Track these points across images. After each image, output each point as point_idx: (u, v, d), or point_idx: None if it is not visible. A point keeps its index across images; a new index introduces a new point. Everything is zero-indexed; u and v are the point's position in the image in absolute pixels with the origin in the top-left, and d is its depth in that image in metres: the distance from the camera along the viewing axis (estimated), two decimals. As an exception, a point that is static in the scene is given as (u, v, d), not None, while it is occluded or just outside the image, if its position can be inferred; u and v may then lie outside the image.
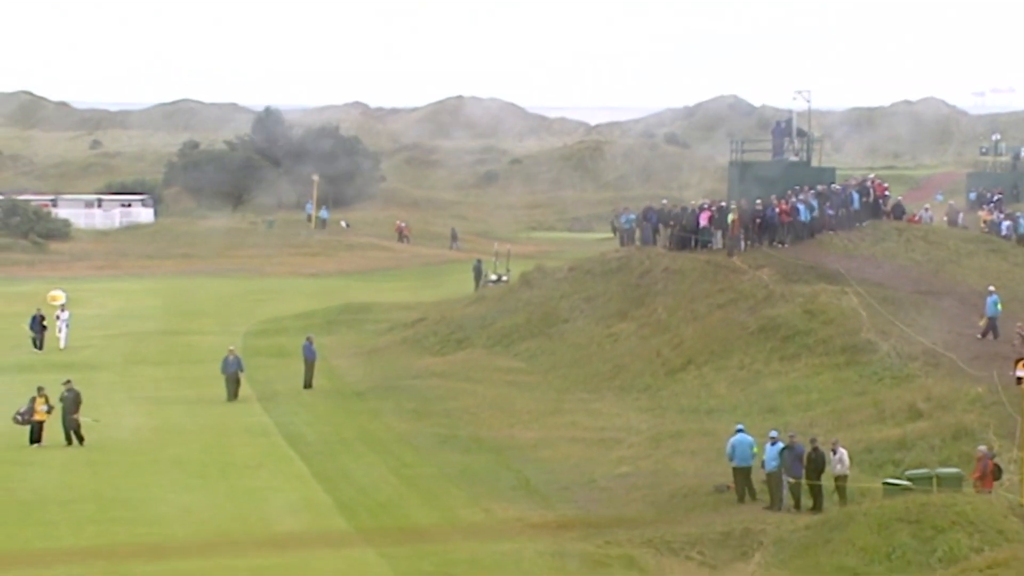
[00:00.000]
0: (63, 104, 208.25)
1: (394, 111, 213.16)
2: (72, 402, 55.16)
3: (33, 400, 55.21)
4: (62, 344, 75.02)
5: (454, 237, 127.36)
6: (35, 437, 54.71)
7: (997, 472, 43.86)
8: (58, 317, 76.23)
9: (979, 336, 59.91)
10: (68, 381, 56.09)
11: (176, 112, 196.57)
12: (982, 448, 44.88)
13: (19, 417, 55.45)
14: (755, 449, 46.10)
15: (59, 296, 78.32)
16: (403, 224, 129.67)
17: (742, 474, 46.24)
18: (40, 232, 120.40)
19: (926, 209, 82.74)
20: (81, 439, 54.83)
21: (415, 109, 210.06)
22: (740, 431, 46.84)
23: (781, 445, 45.38)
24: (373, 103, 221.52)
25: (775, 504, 44.96)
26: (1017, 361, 47.05)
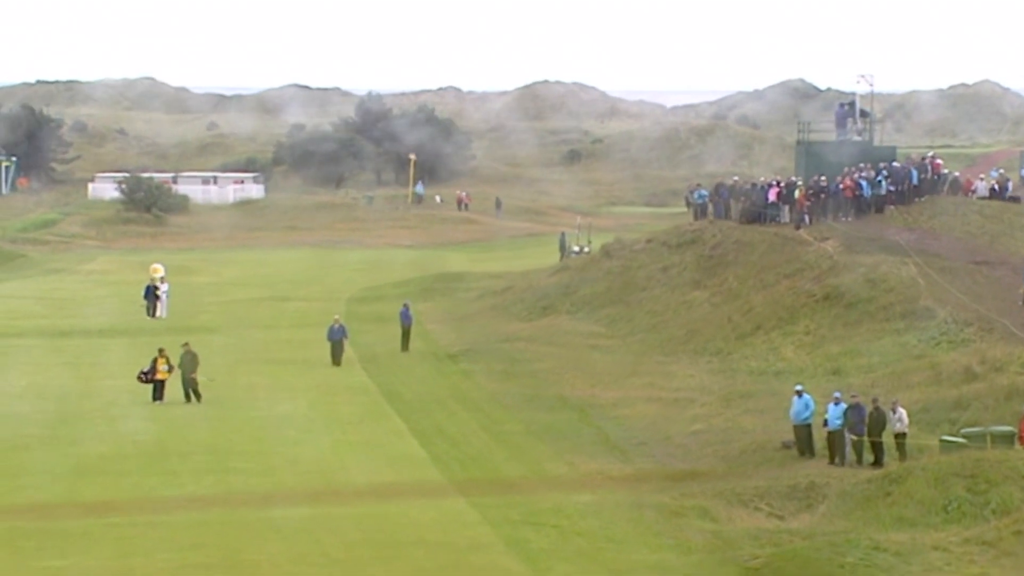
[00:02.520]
0: (182, 89, 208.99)
1: (485, 95, 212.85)
2: (190, 362, 55.77)
3: (155, 360, 55.87)
4: (164, 314, 75.23)
5: (498, 205, 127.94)
6: (157, 394, 55.36)
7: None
8: (158, 288, 76.44)
9: (1021, 303, 59.67)
10: (186, 343, 56.69)
11: (285, 96, 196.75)
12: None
13: (143, 376, 56.09)
14: (813, 409, 46.18)
15: (159, 269, 78.55)
16: (464, 194, 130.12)
17: (802, 432, 46.30)
18: (161, 207, 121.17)
19: (980, 179, 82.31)
20: (199, 396, 55.39)
21: (504, 92, 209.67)
22: (802, 393, 46.86)
23: (844, 405, 45.39)
24: (465, 87, 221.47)
25: (838, 459, 44.97)
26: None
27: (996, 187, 79.91)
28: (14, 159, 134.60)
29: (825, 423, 45.69)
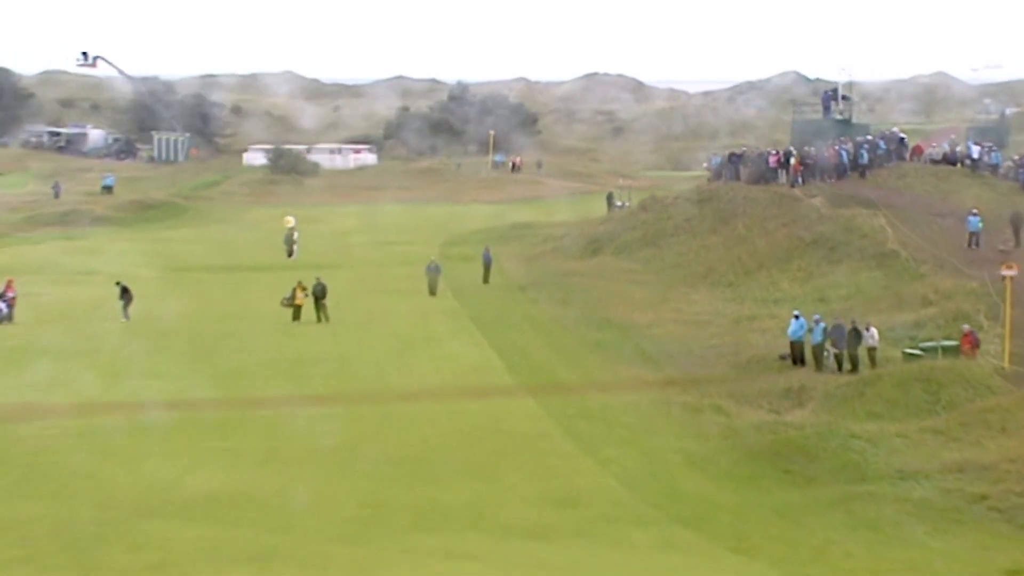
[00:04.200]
0: (315, 80, 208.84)
1: (548, 84, 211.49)
2: (321, 291, 55.99)
3: (294, 290, 56.16)
4: (294, 257, 75.25)
5: (539, 166, 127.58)
6: (296, 316, 55.57)
7: (977, 343, 43.79)
8: (293, 234, 76.61)
9: (966, 246, 59.26)
10: (318, 277, 56.90)
11: (394, 85, 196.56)
12: (966, 327, 44.82)
13: (285, 302, 56.38)
14: (807, 330, 46.05)
15: (290, 220, 78.72)
16: (518, 159, 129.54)
17: (796, 347, 46.17)
18: (299, 171, 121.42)
19: (933, 146, 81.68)
20: (327, 318, 55.52)
21: (563, 82, 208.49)
22: (797, 317, 46.72)
23: (823, 325, 45.35)
24: (532, 77, 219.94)
25: (821, 368, 44.83)
26: (1002, 264, 46.85)
27: (947, 154, 79.06)
28: (188, 135, 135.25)
29: (812, 336, 45.71)
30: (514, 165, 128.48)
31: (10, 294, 56.03)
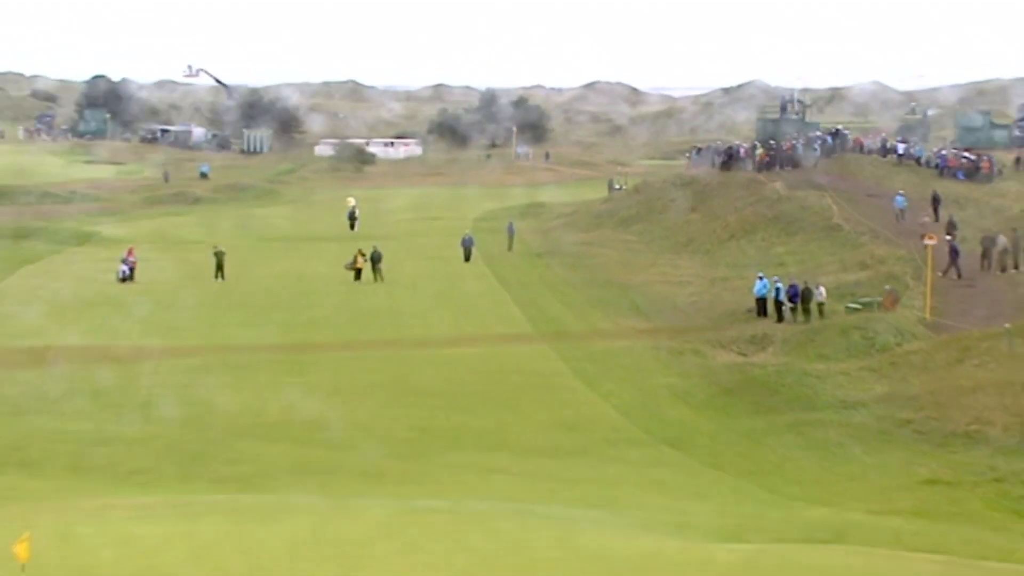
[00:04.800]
0: (372, 87, 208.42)
1: (559, 89, 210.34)
2: (377, 257, 55.98)
3: (356, 256, 56.15)
4: (355, 229, 75.05)
5: (547, 157, 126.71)
6: (357, 277, 55.58)
7: (897, 299, 44.02)
8: (354, 211, 76.55)
9: (895, 221, 59.05)
10: (375, 246, 56.92)
11: (436, 90, 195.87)
12: (888, 287, 45.13)
13: (348, 265, 56.38)
14: (769, 288, 45.99)
15: (351, 200, 78.60)
16: (529, 151, 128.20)
17: (760, 302, 46.13)
18: (359, 160, 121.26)
19: (869, 141, 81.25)
20: (382, 278, 55.57)
21: (571, 89, 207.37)
22: (762, 278, 46.66)
23: (782, 285, 45.31)
24: (548, 84, 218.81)
25: (781, 319, 44.77)
26: (922, 235, 46.88)
27: (880, 147, 78.62)
28: (270, 131, 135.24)
29: (774, 294, 45.67)
30: (527, 155, 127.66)
31: (131, 259, 56.45)
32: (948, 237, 49.82)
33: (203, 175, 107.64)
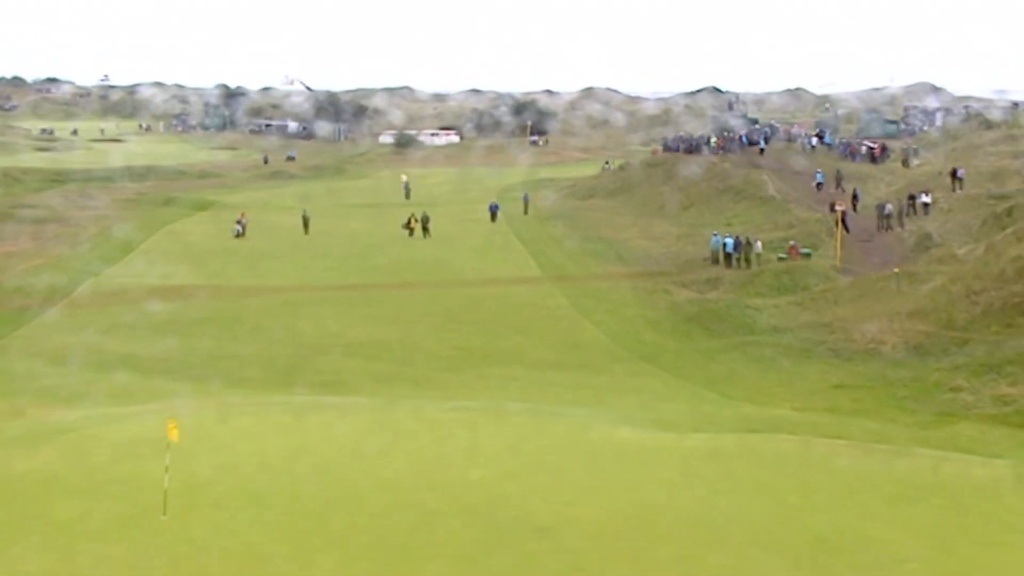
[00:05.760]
0: (422, 90, 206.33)
1: (559, 93, 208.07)
2: (426, 219, 55.49)
3: (410, 217, 55.63)
4: (409, 199, 74.52)
5: (546, 143, 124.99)
6: (410, 234, 54.97)
7: (798, 251, 43.57)
8: (405, 184, 76.18)
9: (815, 192, 58.28)
10: (424, 211, 56.50)
11: (469, 94, 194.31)
12: (792, 242, 44.63)
13: (404, 225, 55.87)
14: (720, 243, 45.54)
15: (404, 177, 78.14)
16: (538, 138, 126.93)
17: (714, 253, 45.68)
18: (412, 146, 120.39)
19: (795, 132, 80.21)
20: (430, 235, 55.11)
21: (570, 92, 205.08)
22: (716, 235, 46.21)
23: (731, 239, 44.86)
24: (554, 88, 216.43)
25: (729, 266, 44.36)
26: (832, 204, 46.41)
27: (804, 137, 77.49)
28: (345, 124, 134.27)
29: (723, 247, 45.20)
30: (535, 143, 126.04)
31: (243, 220, 56.28)
32: (839, 206, 48.78)
33: (289, 158, 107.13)
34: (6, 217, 57.77)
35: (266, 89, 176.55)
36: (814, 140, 74.31)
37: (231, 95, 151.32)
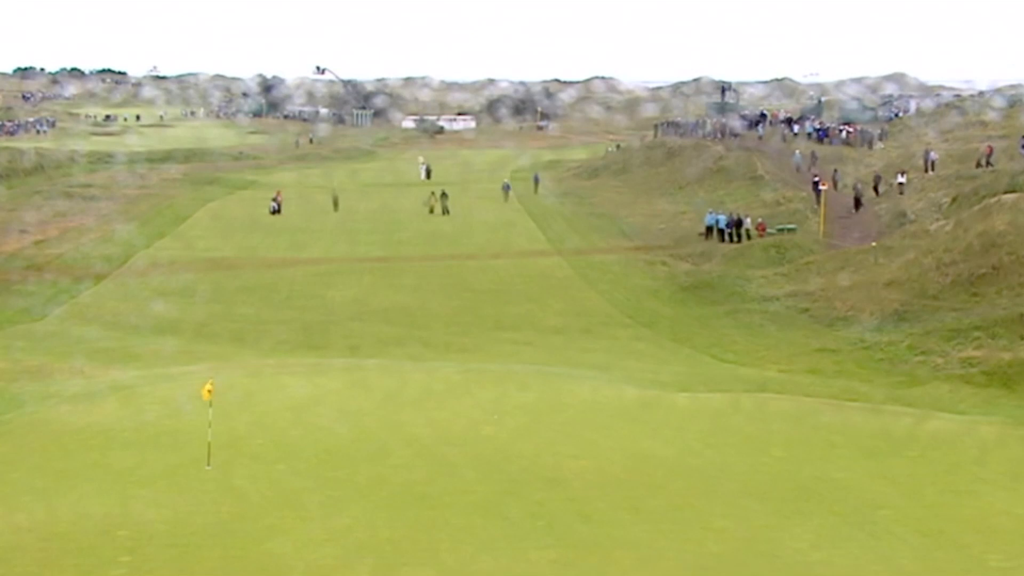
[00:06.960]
0: (442, 80, 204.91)
1: (568, 82, 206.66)
2: (445, 196, 55.27)
3: (430, 195, 55.39)
4: (426, 178, 73.97)
5: (548, 127, 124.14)
6: (431, 211, 54.67)
7: (765, 228, 43.36)
8: (424, 166, 75.81)
9: (796, 172, 57.80)
10: (443, 189, 56.26)
11: (486, 84, 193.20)
12: (759, 219, 44.36)
13: (424, 202, 55.59)
14: (714, 219, 45.27)
15: (421, 159, 77.82)
16: (546, 123, 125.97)
17: (708, 229, 45.45)
18: (431, 130, 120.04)
19: (781, 118, 79.45)
20: (448, 212, 54.85)
21: (577, 81, 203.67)
22: (711, 212, 45.96)
23: (724, 216, 44.59)
24: (563, 77, 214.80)
25: (722, 240, 44.16)
26: (815, 183, 45.97)
27: (790, 122, 76.81)
28: (371, 111, 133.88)
29: (716, 223, 44.95)
30: (541, 128, 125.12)
31: (279, 198, 56.17)
32: (823, 186, 48.10)
33: (311, 141, 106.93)
34: (67, 195, 57.96)
35: (300, 79, 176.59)
36: (796, 127, 73.70)
37: (267, 84, 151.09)
